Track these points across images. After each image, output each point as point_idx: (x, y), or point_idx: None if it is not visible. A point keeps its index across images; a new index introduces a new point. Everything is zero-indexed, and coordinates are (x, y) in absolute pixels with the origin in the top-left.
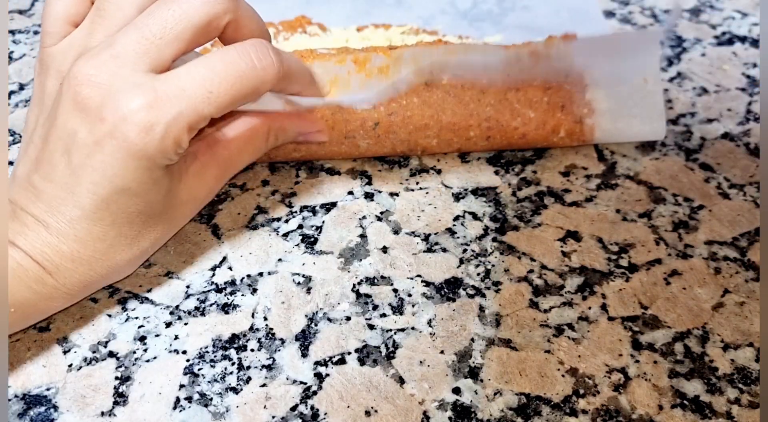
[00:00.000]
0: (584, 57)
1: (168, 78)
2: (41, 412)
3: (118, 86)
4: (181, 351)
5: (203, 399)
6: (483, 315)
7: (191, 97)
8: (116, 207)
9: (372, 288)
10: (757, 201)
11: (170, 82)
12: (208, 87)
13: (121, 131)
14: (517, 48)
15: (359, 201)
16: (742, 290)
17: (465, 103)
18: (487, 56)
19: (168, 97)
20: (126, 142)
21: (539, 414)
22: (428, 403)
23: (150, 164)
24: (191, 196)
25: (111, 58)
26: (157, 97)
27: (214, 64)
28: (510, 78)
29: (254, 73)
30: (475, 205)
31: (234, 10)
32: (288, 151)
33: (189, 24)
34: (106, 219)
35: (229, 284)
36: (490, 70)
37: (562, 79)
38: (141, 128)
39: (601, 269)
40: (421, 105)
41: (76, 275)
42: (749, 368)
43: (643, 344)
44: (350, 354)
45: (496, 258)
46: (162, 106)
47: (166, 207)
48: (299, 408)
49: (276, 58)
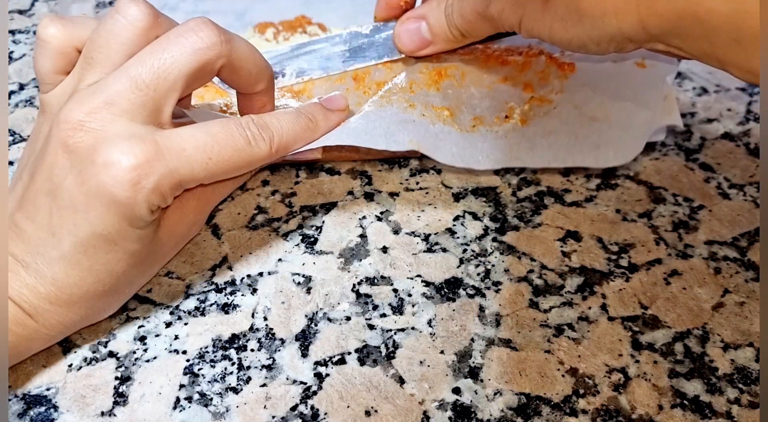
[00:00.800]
0: (580, 89)
1: (171, 135)
2: (41, 412)
3: (114, 133)
4: (181, 351)
5: (203, 399)
6: (483, 315)
7: (190, 159)
8: (94, 252)
9: (372, 288)
10: (757, 201)
11: (172, 139)
12: (209, 153)
13: (110, 177)
14: (514, 74)
15: (359, 201)
16: (742, 290)
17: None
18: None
19: (168, 153)
20: (113, 189)
21: (539, 414)
22: (428, 403)
23: (131, 216)
24: (171, 234)
25: (104, 105)
26: (157, 150)
27: (216, 133)
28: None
29: (249, 150)
30: (475, 205)
31: (227, 54)
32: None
33: (181, 73)
34: (83, 264)
35: (229, 284)
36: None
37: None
38: (130, 178)
39: (601, 269)
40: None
41: (55, 316)
42: (749, 368)
43: (643, 344)
44: (350, 354)
45: (496, 258)
46: (160, 160)
47: (147, 254)
48: (299, 408)
49: (268, 138)
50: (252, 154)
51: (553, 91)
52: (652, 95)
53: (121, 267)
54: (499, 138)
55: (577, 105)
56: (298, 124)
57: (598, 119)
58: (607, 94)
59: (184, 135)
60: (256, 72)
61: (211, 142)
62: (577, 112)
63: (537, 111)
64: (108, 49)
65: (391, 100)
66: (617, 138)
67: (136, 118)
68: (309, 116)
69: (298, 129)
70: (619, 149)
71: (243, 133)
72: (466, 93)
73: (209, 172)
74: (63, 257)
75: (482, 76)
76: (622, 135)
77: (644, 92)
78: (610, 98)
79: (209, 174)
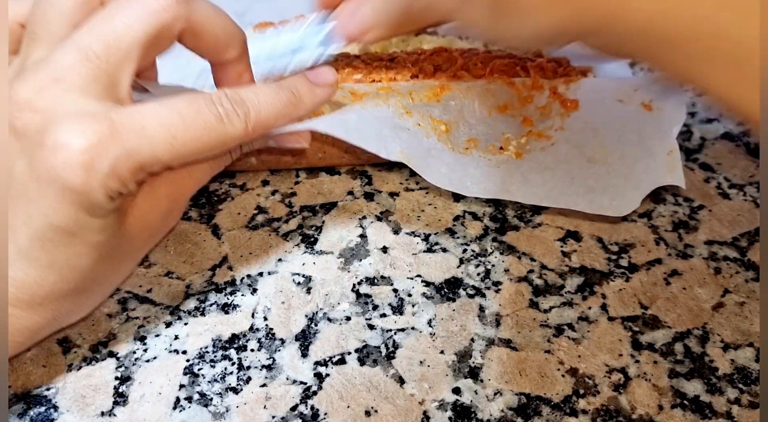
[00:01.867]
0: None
1: (128, 111)
2: (41, 412)
3: (65, 111)
4: (181, 351)
5: (203, 399)
6: (483, 315)
7: (151, 138)
8: (53, 247)
9: (372, 288)
10: (757, 201)
11: (131, 116)
12: (173, 131)
13: (60, 161)
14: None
15: (359, 201)
16: (742, 290)
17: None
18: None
19: (125, 131)
20: (64, 174)
21: (539, 414)
22: (428, 403)
23: (88, 204)
24: (143, 225)
25: (52, 81)
26: (112, 128)
27: (181, 108)
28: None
29: (221, 128)
30: (475, 205)
31: (186, 16)
32: (286, 161)
33: (135, 40)
34: (42, 260)
35: (229, 284)
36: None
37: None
38: (82, 161)
39: (601, 269)
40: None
41: (20, 321)
42: (749, 368)
43: (643, 344)
44: (350, 354)
45: (496, 258)
46: (115, 139)
47: (114, 247)
48: (299, 408)
49: (243, 114)
50: (224, 133)
51: (552, 127)
52: (656, 144)
53: (85, 263)
54: (492, 167)
55: (576, 144)
56: (278, 99)
57: (597, 161)
58: (609, 136)
59: (144, 111)
60: (224, 36)
61: (175, 119)
62: (576, 152)
63: (534, 145)
64: (48, 20)
65: (389, 101)
66: (614, 185)
67: (89, 93)
68: (292, 90)
69: (279, 104)
70: (616, 197)
71: (213, 109)
72: (468, 108)
73: (175, 152)
74: (20, 253)
75: (486, 96)
76: (620, 183)
77: (648, 140)
78: (611, 141)
79: (175, 155)
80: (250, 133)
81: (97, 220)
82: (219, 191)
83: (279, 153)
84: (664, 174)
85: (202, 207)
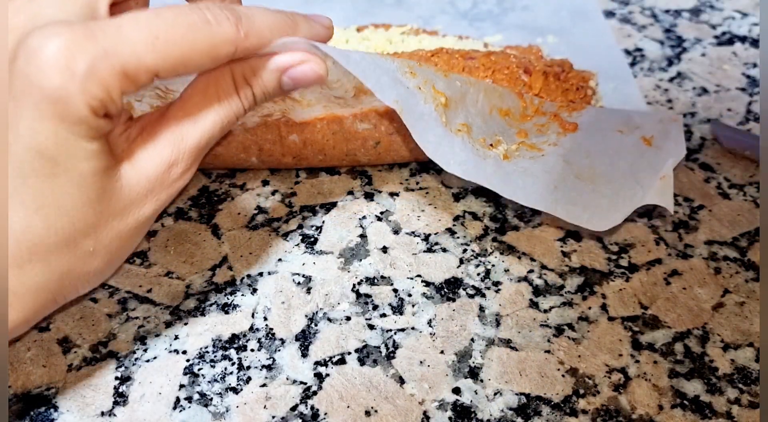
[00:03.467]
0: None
1: (106, 20)
2: (41, 412)
3: (38, 22)
4: (181, 351)
5: (203, 399)
6: (483, 315)
7: (130, 37)
8: (36, 180)
9: (372, 288)
10: (757, 201)
11: (108, 22)
12: (154, 31)
13: (34, 67)
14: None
15: (359, 201)
16: (742, 290)
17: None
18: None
19: (102, 33)
20: (38, 80)
21: (539, 414)
22: (428, 403)
23: (69, 116)
24: (141, 173)
25: (27, 1)
26: (87, 30)
27: (163, 11)
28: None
29: (207, 28)
30: (475, 205)
31: None
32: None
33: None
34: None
35: (229, 284)
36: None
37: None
38: (56, 62)
39: (601, 269)
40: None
41: (9, 283)
42: (749, 368)
43: (643, 344)
44: (350, 354)
45: (496, 258)
46: (91, 39)
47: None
48: (299, 408)
49: (234, 18)
50: (212, 34)
51: (547, 142)
52: (647, 177)
53: (71, 203)
54: (478, 156)
55: (566, 160)
56: (273, 14)
57: (584, 179)
58: (601, 161)
59: (123, 17)
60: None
61: (156, 21)
62: (564, 166)
63: (524, 154)
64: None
65: (394, 60)
66: (596, 203)
67: (65, 9)
68: (288, 14)
69: (273, 19)
70: (595, 214)
71: (199, 13)
72: (471, 96)
73: (158, 53)
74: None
75: (493, 94)
76: (602, 202)
77: (641, 172)
78: (602, 164)
79: (159, 56)
80: (242, 39)
81: (82, 143)
82: (219, 191)
83: (280, 152)
84: (651, 197)
85: (202, 207)
